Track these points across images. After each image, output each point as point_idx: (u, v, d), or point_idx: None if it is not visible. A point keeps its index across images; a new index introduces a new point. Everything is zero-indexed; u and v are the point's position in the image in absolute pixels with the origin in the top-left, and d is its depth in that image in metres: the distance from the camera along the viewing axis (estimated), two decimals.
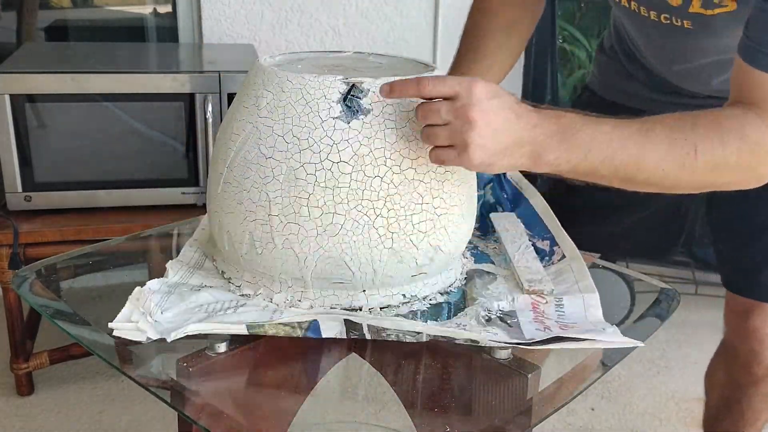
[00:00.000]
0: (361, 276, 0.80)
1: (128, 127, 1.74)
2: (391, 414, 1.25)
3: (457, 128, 0.73)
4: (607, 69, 1.31)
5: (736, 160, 0.80)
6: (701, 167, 0.79)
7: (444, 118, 0.74)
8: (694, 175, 0.80)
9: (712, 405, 1.44)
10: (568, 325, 0.82)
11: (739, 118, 0.81)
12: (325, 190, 0.77)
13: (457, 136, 0.73)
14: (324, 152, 0.77)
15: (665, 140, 0.79)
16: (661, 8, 1.00)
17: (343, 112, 0.78)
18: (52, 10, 2.48)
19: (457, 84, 0.73)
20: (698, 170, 0.80)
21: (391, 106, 0.79)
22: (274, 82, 0.80)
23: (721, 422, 1.41)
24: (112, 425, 1.78)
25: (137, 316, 0.76)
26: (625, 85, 1.27)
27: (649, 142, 0.78)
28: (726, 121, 0.81)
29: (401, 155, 0.79)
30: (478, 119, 0.72)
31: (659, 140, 0.79)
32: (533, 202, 1.07)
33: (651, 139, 0.78)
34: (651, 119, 0.81)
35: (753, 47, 0.81)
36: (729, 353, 1.35)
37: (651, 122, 0.80)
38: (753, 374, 1.29)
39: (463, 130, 0.73)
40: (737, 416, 1.36)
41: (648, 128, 0.79)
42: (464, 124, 0.73)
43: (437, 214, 0.81)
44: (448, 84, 0.74)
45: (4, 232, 1.66)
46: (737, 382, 1.34)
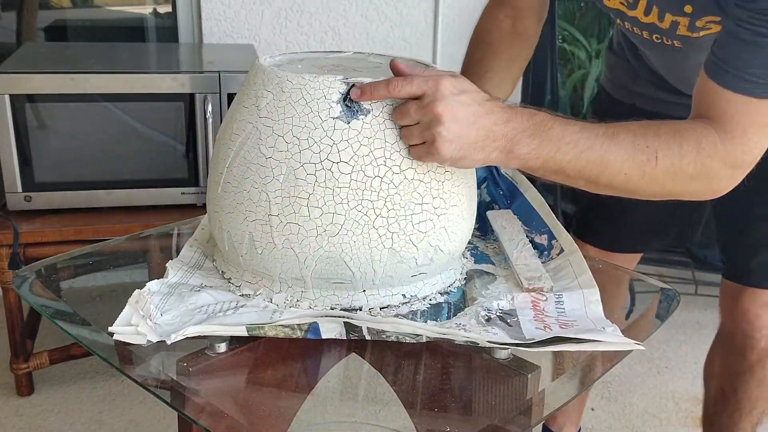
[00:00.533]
0: (361, 276, 0.80)
1: (128, 127, 1.74)
2: (391, 414, 1.25)
3: (425, 125, 0.76)
4: (616, 68, 1.34)
5: (693, 171, 0.83)
6: (660, 174, 0.83)
7: (413, 118, 0.76)
8: (654, 181, 0.84)
9: (711, 397, 1.46)
10: (568, 323, 0.82)
11: (698, 131, 0.84)
12: (325, 190, 0.77)
13: (426, 132, 0.76)
14: (324, 152, 0.77)
15: (629, 145, 0.82)
16: (652, 30, 1.04)
17: (343, 113, 0.78)
18: (52, 10, 2.48)
19: (424, 83, 0.76)
20: (658, 177, 0.83)
21: (391, 106, 0.79)
22: (274, 82, 0.80)
23: (719, 415, 1.43)
24: (112, 425, 1.78)
25: (137, 319, 0.75)
26: (633, 84, 1.29)
27: (614, 145, 0.81)
28: (686, 132, 0.84)
29: (401, 155, 0.79)
30: (443, 114, 0.75)
31: (623, 144, 0.82)
32: (528, 196, 1.07)
33: (616, 142, 0.81)
34: (618, 124, 0.84)
35: (717, 64, 0.84)
36: (724, 341, 1.39)
37: (617, 127, 0.83)
38: (747, 360, 1.33)
39: (431, 126, 0.75)
40: (734, 406, 1.39)
41: (613, 132, 0.82)
42: (431, 120, 0.75)
43: (437, 214, 0.81)
44: (415, 84, 0.76)
45: (4, 232, 1.66)
46: (733, 369, 1.37)
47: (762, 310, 1.29)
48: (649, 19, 1.01)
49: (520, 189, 1.09)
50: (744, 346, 1.33)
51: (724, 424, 1.42)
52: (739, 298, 1.31)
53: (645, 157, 0.82)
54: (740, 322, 1.31)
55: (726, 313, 1.36)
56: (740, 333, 1.32)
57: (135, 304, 0.77)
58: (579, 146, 0.80)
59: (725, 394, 1.40)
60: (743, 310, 1.30)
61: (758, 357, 1.32)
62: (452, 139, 0.76)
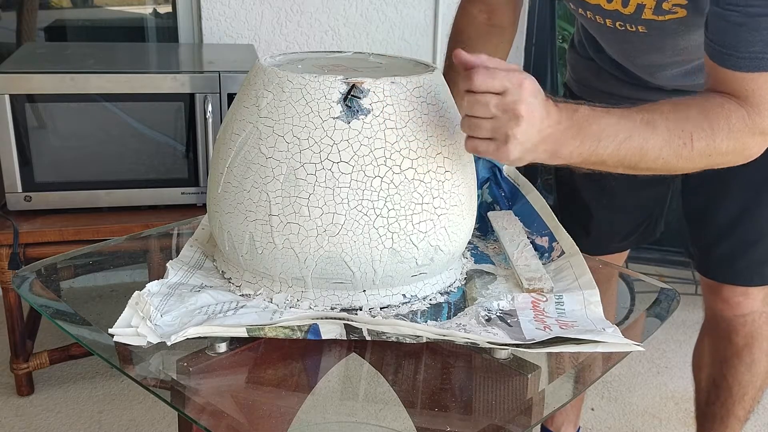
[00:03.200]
0: (361, 276, 0.80)
1: (128, 127, 1.74)
2: (391, 414, 1.25)
3: (503, 123, 0.75)
4: (578, 66, 1.36)
5: (726, 147, 0.86)
6: (696, 155, 0.86)
7: (491, 112, 0.76)
8: (690, 161, 0.86)
9: (702, 388, 1.46)
10: (568, 324, 0.82)
11: (725, 108, 0.86)
12: (325, 190, 0.77)
13: (501, 130, 0.76)
14: (324, 152, 0.77)
15: (665, 131, 0.84)
16: (615, 17, 1.04)
17: (344, 112, 0.78)
18: (52, 10, 2.48)
19: (507, 80, 0.75)
20: (693, 158, 0.86)
21: (392, 106, 0.79)
22: (274, 82, 0.80)
23: (712, 405, 1.43)
24: (112, 425, 1.78)
25: (137, 320, 0.75)
26: (595, 81, 1.31)
27: (651, 134, 0.83)
28: (714, 111, 0.86)
29: (401, 155, 0.79)
30: (525, 116, 0.75)
31: (659, 131, 0.84)
32: (530, 198, 1.07)
33: (652, 130, 0.83)
34: (652, 109, 0.85)
35: (720, 50, 0.86)
36: (710, 329, 1.40)
37: (652, 113, 0.85)
38: (734, 344, 1.34)
39: (509, 126, 0.75)
40: (726, 394, 1.39)
41: (649, 119, 0.84)
42: (511, 120, 0.75)
43: (437, 214, 0.81)
44: (498, 79, 0.75)
45: (4, 232, 1.66)
46: (722, 356, 1.38)
47: (742, 298, 1.30)
48: (612, 6, 1.02)
49: (522, 191, 1.09)
50: (729, 330, 1.33)
51: (717, 414, 1.42)
52: (719, 289, 1.32)
53: (681, 142, 0.84)
54: (723, 310, 1.32)
55: (708, 301, 1.37)
56: (724, 319, 1.33)
57: (135, 306, 0.77)
58: (618, 138, 0.82)
59: (716, 383, 1.41)
60: (724, 299, 1.31)
61: (745, 341, 1.33)
62: (523, 141, 0.76)
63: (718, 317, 1.34)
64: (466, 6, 1.20)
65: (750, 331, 1.32)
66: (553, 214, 1.03)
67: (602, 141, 0.81)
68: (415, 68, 0.89)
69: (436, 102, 0.82)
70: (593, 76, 1.30)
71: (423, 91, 0.81)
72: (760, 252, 1.27)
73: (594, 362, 0.81)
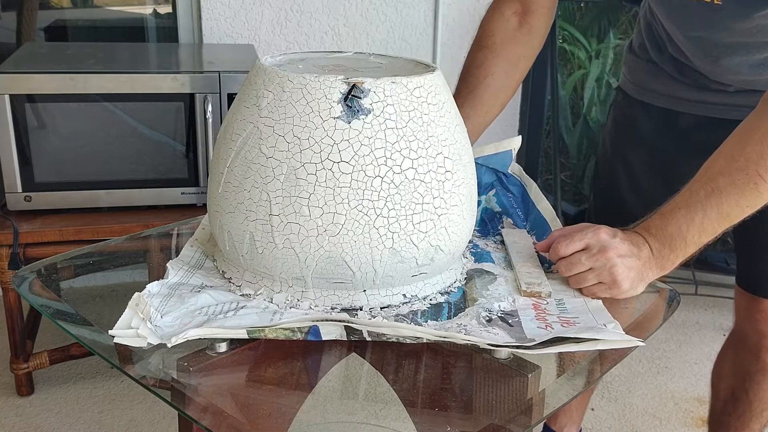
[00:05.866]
0: (362, 276, 0.80)
1: (128, 127, 1.75)
2: (391, 414, 1.25)
3: (603, 270, 0.88)
4: (635, 68, 1.33)
5: None
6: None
7: (586, 265, 0.89)
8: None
9: (719, 398, 1.45)
10: (570, 321, 0.82)
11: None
12: (325, 190, 0.77)
13: (605, 275, 0.88)
14: (325, 152, 0.77)
15: (732, 188, 0.88)
16: None
17: (344, 112, 0.78)
18: (52, 10, 2.48)
19: (586, 237, 0.89)
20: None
21: (392, 106, 0.79)
22: (274, 82, 0.80)
23: (728, 415, 1.42)
24: (112, 425, 1.78)
25: (137, 322, 0.75)
26: (653, 83, 1.28)
27: (721, 199, 0.88)
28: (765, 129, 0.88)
29: (402, 155, 0.79)
30: (614, 256, 0.87)
31: (728, 191, 0.88)
32: (540, 208, 1.06)
33: (721, 196, 0.88)
34: (710, 174, 0.90)
35: None
36: (738, 341, 1.38)
37: (712, 180, 0.89)
38: (762, 361, 1.32)
39: (608, 269, 0.87)
40: (744, 407, 1.38)
41: (713, 189, 0.89)
42: (605, 263, 0.87)
43: (437, 214, 0.81)
44: (576, 239, 0.89)
45: (4, 232, 1.66)
46: (746, 370, 1.36)
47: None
48: None
49: (530, 195, 1.08)
50: (759, 346, 1.31)
51: (732, 425, 1.41)
52: (758, 304, 1.29)
53: (752, 184, 0.87)
54: (758, 322, 1.30)
55: (742, 312, 1.34)
56: (756, 333, 1.31)
57: (135, 307, 0.77)
58: (696, 223, 0.89)
59: (735, 395, 1.39)
60: (762, 309, 1.28)
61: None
62: (627, 275, 0.88)
63: (750, 331, 1.32)
64: (500, 5, 1.16)
65: None
66: (561, 226, 1.02)
67: (687, 237, 0.89)
68: (416, 68, 0.89)
69: (436, 102, 0.82)
70: (652, 79, 1.28)
71: (423, 91, 0.81)
72: None
73: (594, 362, 0.81)
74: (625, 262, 0.87)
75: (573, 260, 0.89)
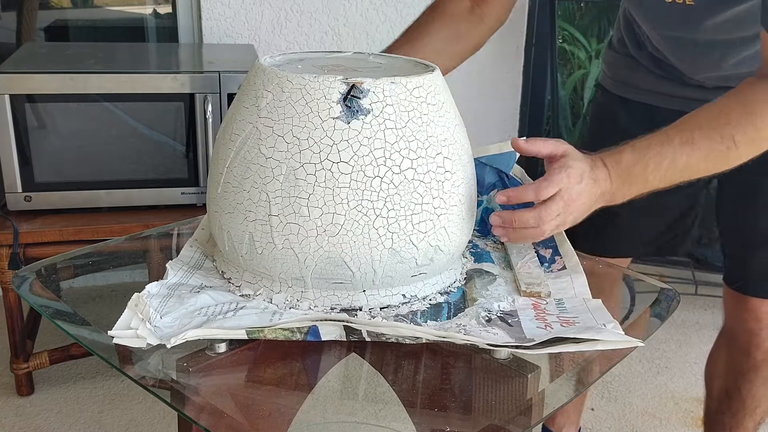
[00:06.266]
0: (361, 276, 0.80)
1: (128, 127, 1.75)
2: (391, 414, 1.25)
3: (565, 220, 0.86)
4: (615, 64, 1.34)
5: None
6: (743, 152, 0.90)
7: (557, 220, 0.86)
8: (738, 158, 0.90)
9: (713, 397, 1.45)
10: (570, 321, 0.82)
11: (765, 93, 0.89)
12: (325, 191, 0.77)
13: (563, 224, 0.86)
14: (324, 152, 0.77)
15: (705, 144, 0.88)
16: None
17: (343, 113, 0.78)
18: (52, 10, 2.48)
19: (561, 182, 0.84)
20: (741, 155, 0.90)
21: (391, 106, 0.79)
22: (274, 82, 0.80)
23: (722, 414, 1.42)
24: (112, 425, 1.78)
25: (136, 322, 0.75)
26: (634, 78, 1.29)
27: (693, 151, 0.88)
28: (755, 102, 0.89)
29: (401, 155, 0.79)
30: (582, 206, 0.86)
31: (700, 146, 0.88)
32: None
33: (691, 147, 0.88)
34: (689, 126, 0.89)
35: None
36: (729, 339, 1.39)
37: (689, 130, 0.89)
38: (753, 358, 1.33)
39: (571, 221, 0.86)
40: (738, 405, 1.38)
41: (687, 138, 0.88)
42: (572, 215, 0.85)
43: (437, 214, 0.81)
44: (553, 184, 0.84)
45: (4, 232, 1.66)
46: (738, 368, 1.36)
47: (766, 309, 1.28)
48: None
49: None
50: (749, 344, 1.32)
51: (727, 423, 1.42)
52: (746, 302, 1.30)
53: (724, 147, 0.88)
54: (746, 321, 1.31)
55: (730, 311, 1.36)
56: (746, 331, 1.32)
57: (134, 308, 0.77)
58: (662, 167, 0.88)
59: (729, 394, 1.40)
60: (750, 307, 1.30)
61: (764, 356, 1.32)
62: (576, 219, 0.86)
63: (740, 329, 1.33)
64: None
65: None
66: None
67: (649, 178, 0.88)
68: (415, 68, 0.89)
69: (436, 102, 0.82)
70: (631, 73, 1.29)
71: (423, 91, 0.81)
72: None
73: (594, 362, 0.81)
74: (579, 216, 0.86)
75: (545, 215, 0.84)
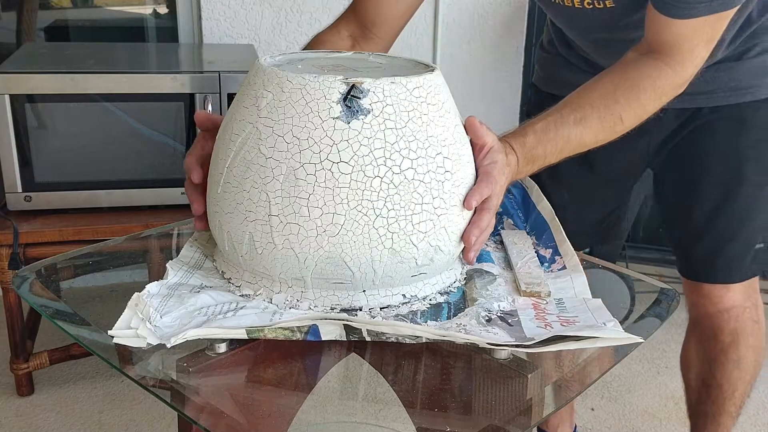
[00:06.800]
0: (361, 276, 0.80)
1: (128, 127, 1.75)
2: (390, 414, 1.25)
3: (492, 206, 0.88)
4: (546, 63, 1.38)
5: (653, 107, 1.00)
6: (628, 125, 0.99)
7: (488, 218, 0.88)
8: (623, 131, 0.99)
9: (692, 388, 1.47)
10: (570, 320, 0.82)
11: (652, 76, 0.98)
12: (325, 191, 0.77)
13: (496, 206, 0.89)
14: (324, 152, 0.77)
15: (596, 122, 0.96)
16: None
17: (343, 113, 0.78)
18: (52, 10, 2.48)
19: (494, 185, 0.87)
20: (627, 128, 0.99)
21: (391, 106, 0.79)
22: (274, 82, 0.80)
23: (703, 404, 1.43)
24: (112, 425, 1.78)
25: (136, 322, 0.75)
26: (564, 73, 1.33)
27: (585, 129, 0.96)
28: (641, 82, 0.98)
29: (401, 155, 0.79)
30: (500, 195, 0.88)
31: (591, 124, 0.96)
32: (540, 208, 1.07)
33: (584, 126, 0.96)
34: (582, 104, 0.97)
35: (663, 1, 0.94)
36: (695, 329, 1.41)
37: (582, 108, 0.96)
38: (720, 342, 1.35)
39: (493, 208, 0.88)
40: (716, 392, 1.40)
41: (581, 117, 0.96)
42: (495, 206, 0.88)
43: (437, 214, 0.81)
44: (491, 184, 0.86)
45: (4, 232, 1.66)
46: (708, 355, 1.38)
47: (724, 292, 1.31)
48: None
49: (531, 197, 1.08)
50: (713, 329, 1.34)
51: (709, 411, 1.43)
52: (700, 288, 1.33)
53: (612, 122, 0.97)
54: (705, 306, 1.33)
55: (691, 301, 1.38)
56: (707, 317, 1.34)
57: (134, 307, 0.77)
58: (558, 147, 0.95)
59: (706, 382, 1.41)
60: (705, 295, 1.33)
61: (731, 338, 1.33)
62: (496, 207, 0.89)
63: (702, 316, 1.35)
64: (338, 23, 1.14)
65: (734, 328, 1.33)
66: (561, 227, 1.03)
67: (548, 156, 0.94)
68: (415, 68, 0.89)
69: (436, 102, 0.82)
70: (563, 70, 1.33)
71: (423, 91, 0.81)
72: (737, 248, 1.28)
73: (593, 362, 0.81)
74: (503, 192, 0.90)
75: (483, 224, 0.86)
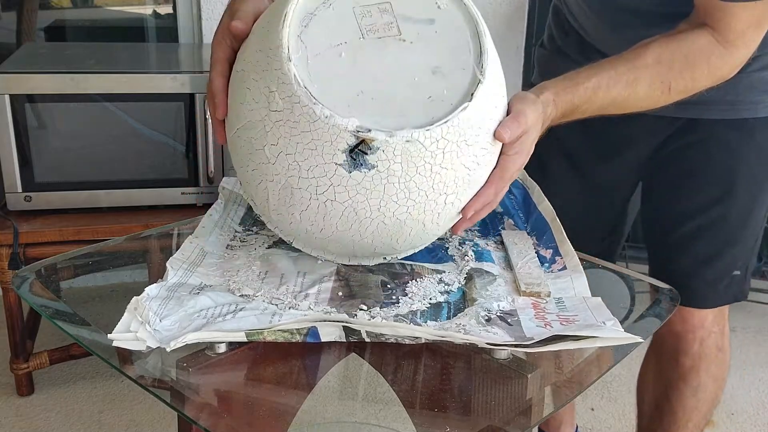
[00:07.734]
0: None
1: (128, 127, 1.75)
2: (390, 414, 1.25)
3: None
4: (543, 60, 1.36)
5: (704, 84, 0.97)
6: (672, 98, 0.96)
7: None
8: (665, 103, 0.97)
9: (644, 413, 1.40)
10: (570, 319, 0.82)
11: (705, 51, 0.95)
12: (317, 215, 0.78)
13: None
14: (321, 188, 0.76)
15: (647, 86, 0.93)
16: None
17: (347, 162, 0.74)
18: (52, 10, 2.49)
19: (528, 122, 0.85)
20: (669, 100, 0.96)
21: (399, 164, 0.75)
22: (286, 94, 0.75)
23: (654, 430, 1.37)
24: (112, 425, 1.78)
25: (136, 325, 0.75)
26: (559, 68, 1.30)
27: (632, 94, 0.93)
28: (696, 56, 0.95)
29: (397, 204, 0.78)
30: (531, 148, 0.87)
31: (641, 87, 0.93)
32: (541, 209, 1.06)
33: (636, 90, 0.93)
34: (638, 64, 0.93)
35: None
36: (657, 347, 1.34)
37: (637, 70, 0.93)
38: (681, 365, 1.27)
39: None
40: (669, 418, 1.33)
41: (634, 79, 0.93)
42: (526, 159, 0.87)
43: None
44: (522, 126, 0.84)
45: (4, 232, 1.66)
46: (667, 377, 1.31)
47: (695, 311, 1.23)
48: None
49: (532, 197, 1.08)
50: (677, 350, 1.27)
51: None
52: None
53: (659, 91, 0.94)
54: (673, 324, 1.24)
55: None
56: (673, 335, 1.26)
57: (134, 311, 0.77)
58: (603, 106, 0.92)
59: (659, 406, 1.34)
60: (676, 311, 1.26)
61: (692, 363, 1.26)
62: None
63: (667, 333, 1.27)
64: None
65: (698, 352, 1.25)
66: (562, 228, 1.02)
67: (586, 113, 0.92)
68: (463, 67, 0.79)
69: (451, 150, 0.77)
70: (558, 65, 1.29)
71: (443, 143, 0.75)
72: (715, 273, 1.21)
73: (593, 363, 0.81)
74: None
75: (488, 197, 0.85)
